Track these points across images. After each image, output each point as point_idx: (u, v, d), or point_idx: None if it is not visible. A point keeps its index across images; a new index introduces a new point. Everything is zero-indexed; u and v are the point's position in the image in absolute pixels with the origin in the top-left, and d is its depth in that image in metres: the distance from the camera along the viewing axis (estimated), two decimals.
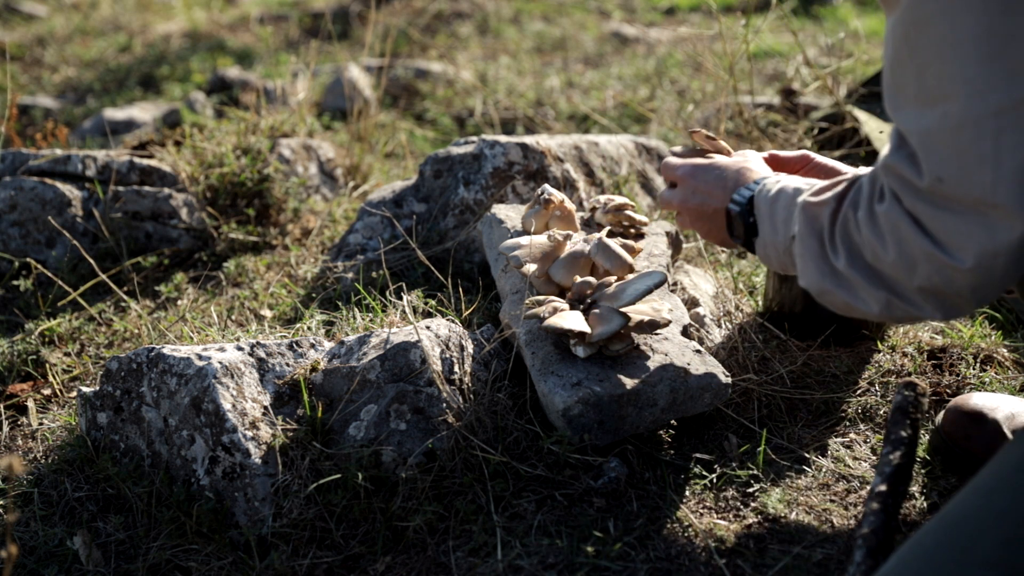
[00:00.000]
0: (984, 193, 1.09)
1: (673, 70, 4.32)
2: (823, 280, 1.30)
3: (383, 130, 3.69)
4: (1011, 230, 1.09)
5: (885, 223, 1.19)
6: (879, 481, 1.31)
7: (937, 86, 1.10)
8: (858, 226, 1.24)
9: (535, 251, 1.80)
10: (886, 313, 1.25)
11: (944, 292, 1.18)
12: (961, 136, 1.08)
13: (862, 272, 1.25)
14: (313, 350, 1.75)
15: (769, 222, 1.43)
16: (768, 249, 1.45)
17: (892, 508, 1.27)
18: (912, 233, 1.16)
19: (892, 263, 1.20)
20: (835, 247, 1.28)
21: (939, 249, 1.14)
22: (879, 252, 1.21)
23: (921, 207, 1.15)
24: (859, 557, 1.23)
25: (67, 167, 2.58)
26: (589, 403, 1.57)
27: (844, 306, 1.30)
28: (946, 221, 1.13)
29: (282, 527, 1.53)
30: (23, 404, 2.00)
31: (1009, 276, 1.15)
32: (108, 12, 6.24)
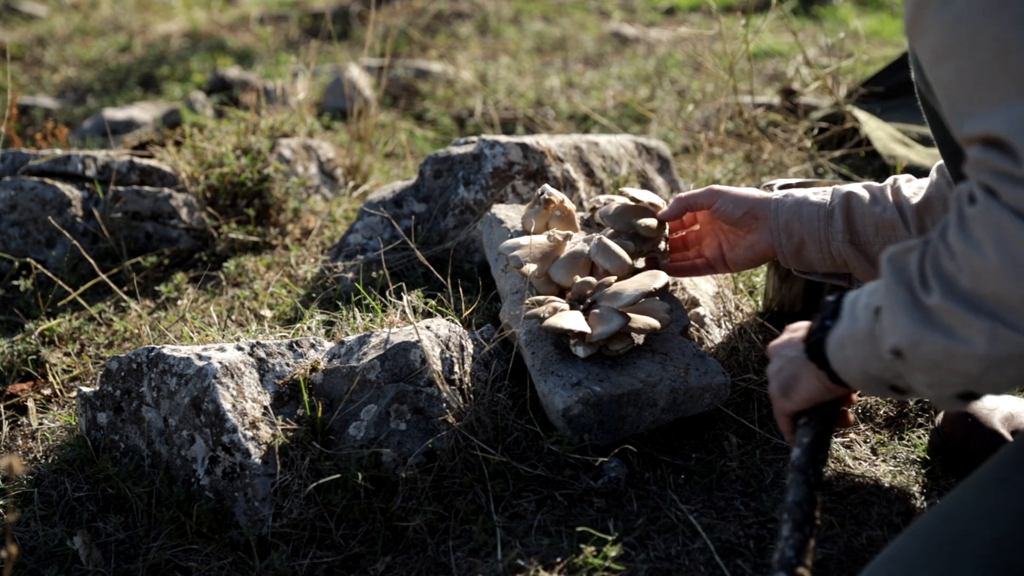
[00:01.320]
0: None
1: (673, 70, 4.32)
2: (915, 327, 1.10)
3: (383, 130, 3.69)
4: None
5: (982, 225, 1.04)
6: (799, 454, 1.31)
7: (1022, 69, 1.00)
8: (949, 249, 1.08)
9: (535, 251, 1.80)
10: (992, 350, 1.04)
11: None
12: None
13: (960, 302, 1.06)
14: (313, 350, 1.76)
15: (849, 315, 1.23)
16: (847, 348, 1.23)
17: (814, 479, 1.27)
18: (1015, 226, 1.00)
19: (995, 270, 1.02)
20: (926, 284, 1.10)
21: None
22: (977, 263, 1.04)
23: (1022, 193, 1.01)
24: (786, 531, 1.23)
25: (67, 167, 2.58)
26: (589, 403, 1.57)
27: (943, 354, 1.08)
28: None
29: (282, 527, 1.53)
30: (23, 404, 2.00)
31: None
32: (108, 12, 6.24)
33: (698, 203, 1.75)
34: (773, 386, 1.39)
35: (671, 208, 1.78)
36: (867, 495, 1.57)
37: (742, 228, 1.72)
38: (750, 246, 1.72)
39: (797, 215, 1.66)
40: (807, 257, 1.69)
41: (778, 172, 2.86)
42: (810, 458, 1.29)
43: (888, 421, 1.78)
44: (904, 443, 1.72)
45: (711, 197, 1.72)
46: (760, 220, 1.69)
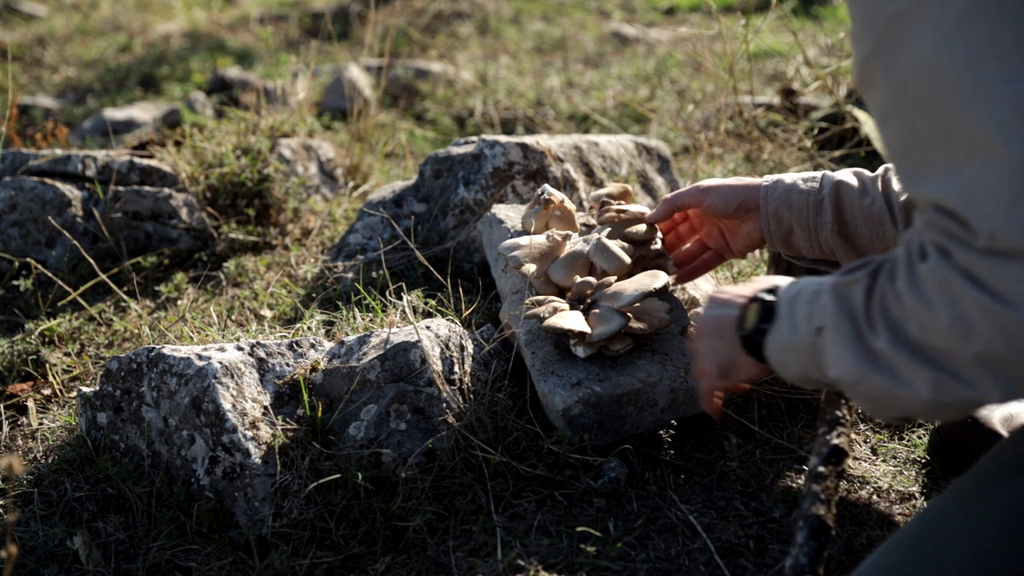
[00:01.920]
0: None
1: (673, 70, 4.32)
2: (860, 366, 1.13)
3: (383, 130, 3.69)
4: None
5: (932, 283, 1.05)
6: (817, 462, 1.31)
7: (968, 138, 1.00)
8: (898, 296, 1.09)
9: (535, 251, 1.80)
10: (936, 396, 1.07)
11: (1006, 359, 1.02)
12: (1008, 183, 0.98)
13: (906, 349, 1.08)
14: (313, 350, 1.76)
15: (788, 322, 1.25)
16: (787, 353, 1.26)
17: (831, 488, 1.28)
18: (966, 289, 1.02)
19: (944, 329, 1.04)
20: (873, 325, 1.12)
21: (1001, 303, 1.00)
22: (927, 319, 1.06)
23: (978, 261, 1.01)
24: (801, 539, 1.24)
25: (67, 167, 2.58)
26: (589, 403, 1.57)
27: (885, 396, 1.12)
28: (1008, 270, 0.99)
29: (282, 527, 1.53)
30: (23, 404, 2.00)
31: None
32: (108, 12, 6.24)
33: (685, 203, 1.76)
34: (708, 366, 1.41)
35: (659, 210, 1.80)
36: (867, 495, 1.57)
37: (736, 219, 1.73)
38: (747, 234, 1.73)
39: (786, 203, 1.67)
40: (795, 244, 1.70)
41: (778, 172, 2.87)
42: (828, 468, 1.30)
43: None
44: (904, 443, 1.72)
45: (699, 196, 1.73)
46: (753, 211, 1.70)
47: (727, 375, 1.40)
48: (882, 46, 1.05)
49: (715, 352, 1.40)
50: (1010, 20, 0.97)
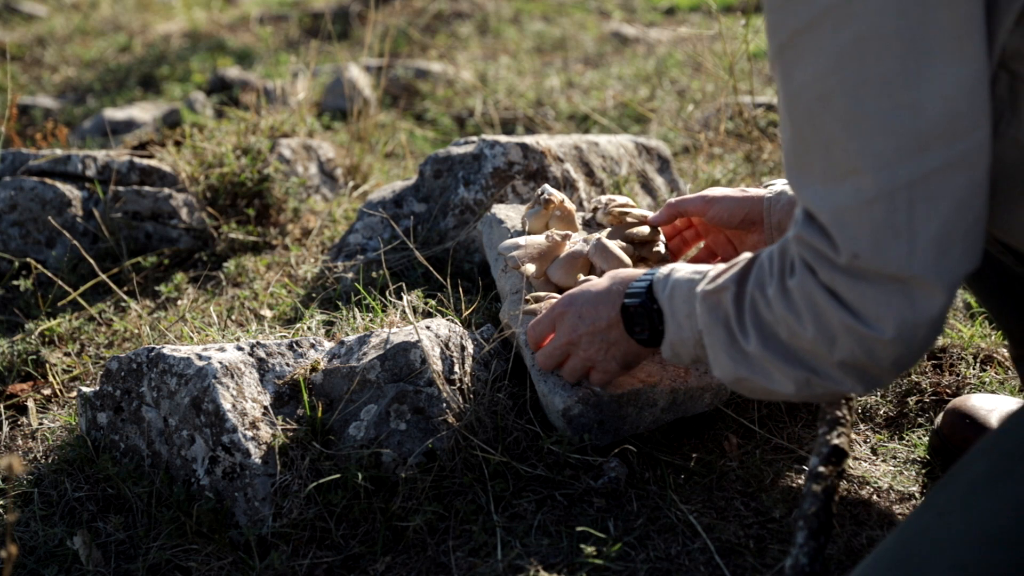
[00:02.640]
0: (901, 267, 1.06)
1: (673, 70, 4.32)
2: (736, 368, 1.23)
3: (383, 130, 3.69)
4: (931, 300, 1.07)
5: (800, 297, 1.14)
6: (817, 462, 1.32)
7: (845, 161, 1.07)
8: (769, 304, 1.18)
9: (534, 251, 1.80)
10: (804, 392, 1.20)
11: (865, 365, 1.14)
12: (874, 210, 1.06)
13: (777, 352, 1.19)
14: (313, 350, 1.76)
15: (673, 321, 1.35)
16: (678, 348, 1.36)
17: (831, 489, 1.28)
18: (830, 306, 1.11)
19: (811, 339, 1.14)
20: (745, 330, 1.22)
21: (859, 321, 1.10)
22: (796, 328, 1.15)
23: (839, 279, 1.10)
24: (801, 539, 1.24)
25: (67, 167, 2.58)
26: (589, 403, 1.57)
27: (762, 391, 1.24)
28: (865, 292, 1.09)
29: (282, 527, 1.53)
30: (23, 404, 2.00)
31: (928, 344, 1.12)
32: (108, 12, 6.24)
33: (689, 211, 1.76)
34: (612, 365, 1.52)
35: (661, 214, 1.81)
36: (867, 495, 1.57)
37: (742, 231, 1.73)
38: (753, 245, 1.73)
39: (790, 215, 1.67)
40: None
41: (778, 172, 2.86)
42: (829, 468, 1.30)
43: (888, 421, 1.78)
44: (904, 443, 1.72)
45: (703, 206, 1.73)
46: (758, 224, 1.70)
47: (630, 365, 1.54)
48: (782, 56, 1.09)
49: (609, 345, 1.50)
50: (895, 55, 1.01)
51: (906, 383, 1.85)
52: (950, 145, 1.03)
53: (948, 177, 1.04)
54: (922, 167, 1.03)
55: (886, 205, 1.05)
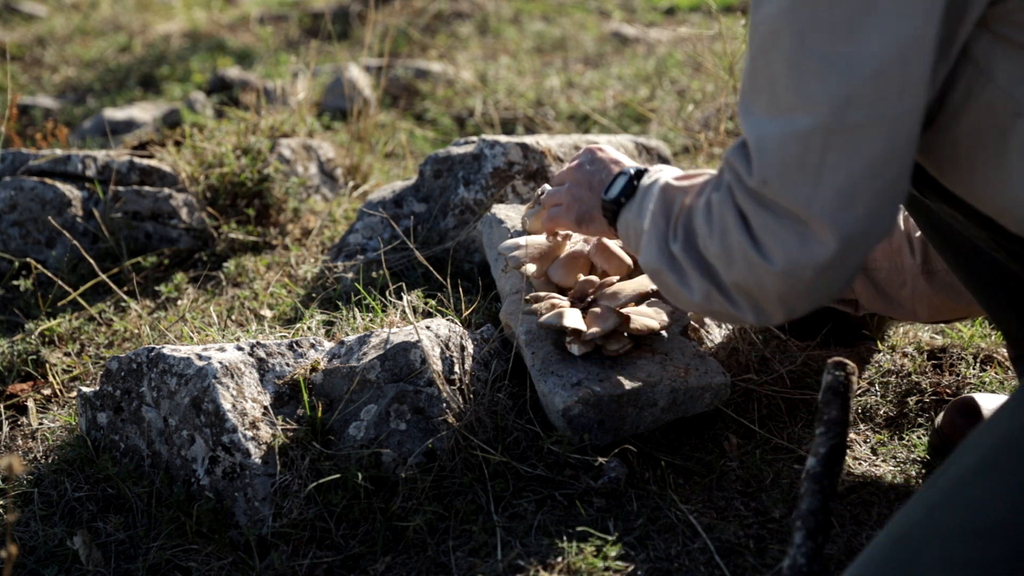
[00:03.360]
0: (800, 204, 1.11)
1: (673, 70, 4.32)
2: (660, 260, 1.31)
3: (383, 130, 3.69)
4: (822, 246, 1.12)
5: (716, 213, 1.21)
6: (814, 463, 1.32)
7: (784, 97, 1.12)
8: (694, 214, 1.26)
9: (534, 251, 1.80)
10: (705, 304, 1.27)
11: (754, 292, 1.20)
12: (791, 145, 1.11)
13: (692, 258, 1.26)
14: (313, 350, 1.75)
15: (638, 204, 1.44)
16: (629, 228, 1.46)
17: (829, 489, 1.28)
18: (735, 227, 1.18)
19: (715, 252, 1.22)
20: (675, 231, 1.30)
21: (754, 247, 1.16)
22: (707, 240, 1.23)
23: (749, 204, 1.17)
24: (799, 539, 1.24)
25: (67, 167, 2.58)
26: (589, 403, 1.57)
27: (673, 289, 1.31)
28: (767, 222, 1.15)
29: (282, 527, 1.53)
30: (23, 404, 2.00)
31: (819, 292, 1.17)
32: (108, 12, 6.24)
33: None
34: (569, 216, 1.62)
35: None
36: (867, 495, 1.57)
37: None
38: None
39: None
40: None
41: None
42: (826, 468, 1.30)
43: (888, 421, 1.78)
44: (904, 443, 1.72)
45: None
46: None
47: (583, 223, 1.61)
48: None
49: (579, 200, 1.60)
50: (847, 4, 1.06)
51: (906, 383, 1.85)
52: (874, 105, 1.07)
53: (865, 135, 1.08)
54: (843, 118, 1.08)
55: (802, 144, 1.10)
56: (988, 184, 1.17)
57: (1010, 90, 1.11)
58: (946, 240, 1.48)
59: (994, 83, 1.11)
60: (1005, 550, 1.03)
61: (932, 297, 1.70)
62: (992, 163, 1.15)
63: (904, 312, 1.73)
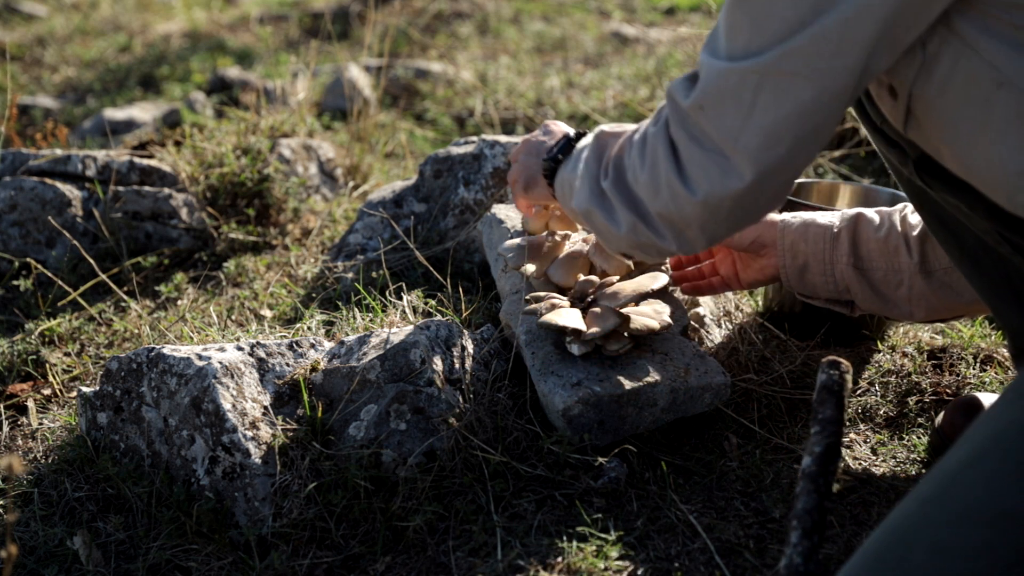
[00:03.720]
0: (728, 135, 1.19)
1: (673, 70, 4.32)
2: (591, 200, 1.37)
3: (383, 130, 3.69)
4: (740, 179, 1.20)
5: (649, 144, 1.28)
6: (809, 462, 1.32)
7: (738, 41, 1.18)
8: (628, 149, 1.32)
9: (534, 251, 1.80)
10: (632, 237, 1.33)
11: (678, 222, 1.27)
12: (730, 77, 1.18)
13: (621, 192, 1.32)
14: (313, 350, 1.75)
15: (574, 161, 1.49)
16: (563, 187, 1.51)
17: (824, 488, 1.28)
18: (665, 158, 1.25)
19: (643, 183, 1.28)
20: (607, 169, 1.36)
21: (679, 177, 1.24)
22: (637, 172, 1.29)
23: (681, 134, 1.23)
24: (795, 538, 1.24)
25: (67, 167, 2.58)
26: (589, 403, 1.57)
27: (601, 227, 1.37)
28: (694, 153, 1.22)
29: (282, 527, 1.53)
30: (23, 404, 2.00)
31: (736, 219, 1.26)
32: (108, 12, 6.24)
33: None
34: (518, 187, 1.68)
35: None
36: (867, 495, 1.57)
37: (751, 253, 1.73)
38: (760, 268, 1.74)
39: (803, 236, 1.68)
40: (810, 280, 1.70)
41: None
42: (821, 467, 1.30)
43: (888, 421, 1.78)
44: (904, 443, 1.72)
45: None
46: (769, 246, 1.72)
47: (527, 190, 1.66)
48: None
49: (526, 168, 1.65)
50: None
51: (906, 383, 1.85)
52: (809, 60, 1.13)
53: (798, 84, 1.15)
54: (780, 63, 1.15)
55: (739, 79, 1.17)
56: (977, 156, 1.20)
57: (991, 59, 1.13)
58: (952, 235, 1.48)
59: (978, 55, 1.14)
60: (990, 534, 1.04)
61: (929, 296, 1.70)
62: (979, 134, 1.18)
63: (900, 312, 1.73)
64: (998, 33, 1.13)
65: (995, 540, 1.04)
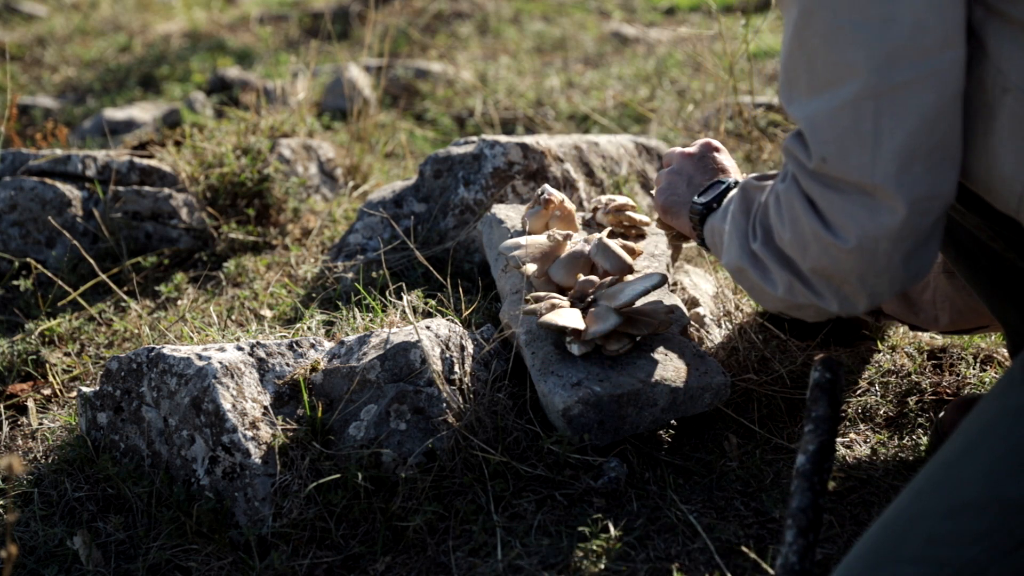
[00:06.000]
0: (863, 174, 1.12)
1: (673, 70, 4.32)
2: (742, 258, 1.33)
3: (383, 130, 3.68)
4: (892, 213, 1.13)
5: (784, 203, 1.23)
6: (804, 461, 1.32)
7: (824, 73, 1.13)
8: (767, 209, 1.29)
9: (535, 251, 1.80)
10: (789, 297, 1.28)
11: (833, 275, 1.21)
12: (842, 117, 1.12)
13: (772, 253, 1.28)
14: (313, 350, 1.75)
15: (723, 211, 1.47)
16: (714, 236, 1.50)
17: (819, 486, 1.28)
18: (804, 212, 1.19)
19: (789, 242, 1.23)
20: (755, 229, 1.32)
21: (825, 229, 1.17)
22: (780, 232, 1.25)
23: (813, 187, 1.18)
24: (790, 537, 1.24)
25: (67, 167, 2.58)
26: (589, 403, 1.57)
27: (756, 286, 1.33)
28: (833, 201, 1.16)
29: (282, 527, 1.53)
30: (23, 404, 2.00)
31: (895, 265, 1.17)
32: (108, 12, 6.24)
33: None
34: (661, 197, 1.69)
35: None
36: (867, 495, 1.57)
37: None
38: None
39: None
40: None
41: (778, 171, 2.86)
42: (815, 466, 1.30)
43: (888, 421, 1.78)
44: (904, 443, 1.72)
45: None
46: None
47: (667, 213, 1.69)
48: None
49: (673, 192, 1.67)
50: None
51: (906, 383, 1.85)
52: (919, 61, 1.08)
53: (915, 93, 1.09)
54: (890, 79, 1.09)
55: (853, 113, 1.11)
56: (978, 161, 1.18)
57: (998, 64, 1.11)
58: (947, 234, 1.48)
59: (987, 57, 1.12)
60: (984, 523, 1.05)
61: (954, 298, 1.69)
62: (981, 139, 1.16)
63: (926, 318, 1.73)
64: (1008, 35, 1.10)
65: (991, 528, 1.05)
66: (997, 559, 1.04)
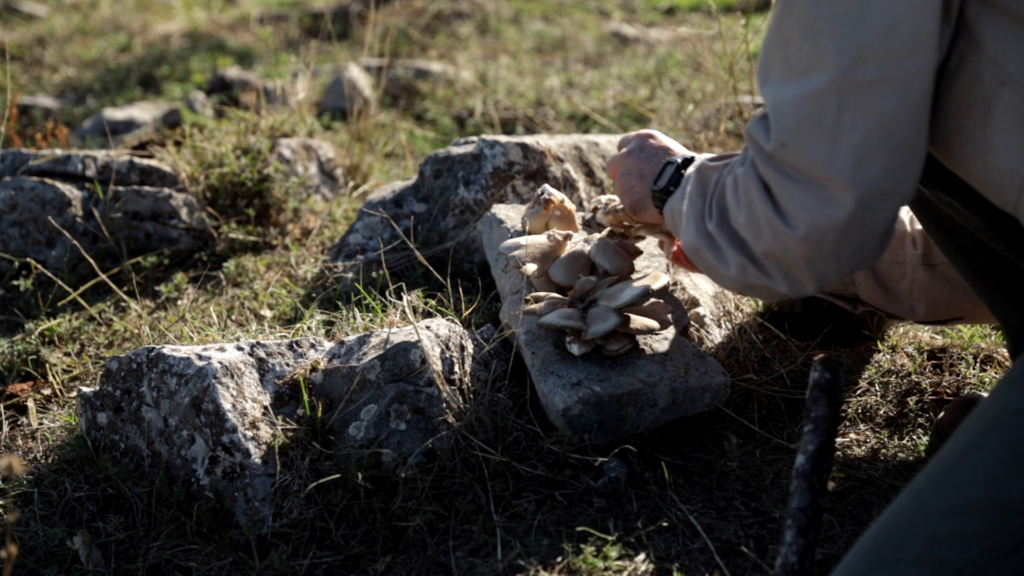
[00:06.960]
0: (819, 165, 1.14)
1: (673, 70, 4.32)
2: (698, 239, 1.35)
3: (383, 130, 3.68)
4: (841, 206, 1.15)
5: (741, 186, 1.25)
6: (803, 461, 1.32)
7: (796, 60, 1.15)
8: (724, 191, 1.30)
9: (535, 251, 1.80)
10: (741, 278, 1.30)
11: (783, 260, 1.23)
12: (807, 105, 1.13)
13: (727, 234, 1.29)
14: (313, 350, 1.75)
15: (681, 191, 1.47)
16: (674, 216, 1.49)
17: (818, 486, 1.28)
18: (759, 197, 1.22)
19: (743, 224, 1.25)
20: (711, 210, 1.33)
21: (777, 215, 1.20)
22: (736, 214, 1.27)
23: (770, 173, 1.19)
24: (790, 537, 1.24)
25: (67, 167, 2.58)
26: (589, 403, 1.57)
27: (711, 266, 1.34)
28: (788, 188, 1.18)
29: (282, 527, 1.53)
30: (23, 404, 2.00)
31: (844, 255, 1.20)
32: (108, 12, 6.24)
33: None
34: (625, 200, 1.67)
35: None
36: (867, 495, 1.57)
37: None
38: None
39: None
40: None
41: None
42: (815, 466, 1.30)
43: (888, 421, 1.78)
44: (904, 443, 1.72)
45: None
46: None
47: (637, 212, 1.65)
48: None
49: (631, 190, 1.63)
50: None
51: (906, 383, 1.85)
52: (886, 63, 1.09)
53: (879, 93, 1.10)
54: (856, 77, 1.10)
55: (817, 104, 1.13)
56: (975, 155, 1.18)
57: (995, 57, 1.12)
58: (947, 234, 1.48)
59: (982, 51, 1.12)
60: (984, 524, 1.05)
61: (931, 290, 1.70)
62: (978, 133, 1.16)
63: (902, 308, 1.73)
64: (1004, 27, 1.11)
65: (991, 529, 1.05)
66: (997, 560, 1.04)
